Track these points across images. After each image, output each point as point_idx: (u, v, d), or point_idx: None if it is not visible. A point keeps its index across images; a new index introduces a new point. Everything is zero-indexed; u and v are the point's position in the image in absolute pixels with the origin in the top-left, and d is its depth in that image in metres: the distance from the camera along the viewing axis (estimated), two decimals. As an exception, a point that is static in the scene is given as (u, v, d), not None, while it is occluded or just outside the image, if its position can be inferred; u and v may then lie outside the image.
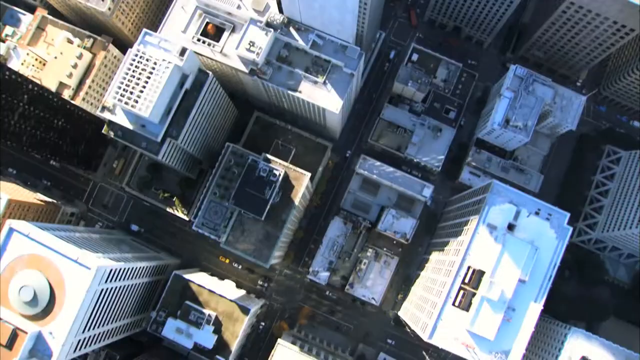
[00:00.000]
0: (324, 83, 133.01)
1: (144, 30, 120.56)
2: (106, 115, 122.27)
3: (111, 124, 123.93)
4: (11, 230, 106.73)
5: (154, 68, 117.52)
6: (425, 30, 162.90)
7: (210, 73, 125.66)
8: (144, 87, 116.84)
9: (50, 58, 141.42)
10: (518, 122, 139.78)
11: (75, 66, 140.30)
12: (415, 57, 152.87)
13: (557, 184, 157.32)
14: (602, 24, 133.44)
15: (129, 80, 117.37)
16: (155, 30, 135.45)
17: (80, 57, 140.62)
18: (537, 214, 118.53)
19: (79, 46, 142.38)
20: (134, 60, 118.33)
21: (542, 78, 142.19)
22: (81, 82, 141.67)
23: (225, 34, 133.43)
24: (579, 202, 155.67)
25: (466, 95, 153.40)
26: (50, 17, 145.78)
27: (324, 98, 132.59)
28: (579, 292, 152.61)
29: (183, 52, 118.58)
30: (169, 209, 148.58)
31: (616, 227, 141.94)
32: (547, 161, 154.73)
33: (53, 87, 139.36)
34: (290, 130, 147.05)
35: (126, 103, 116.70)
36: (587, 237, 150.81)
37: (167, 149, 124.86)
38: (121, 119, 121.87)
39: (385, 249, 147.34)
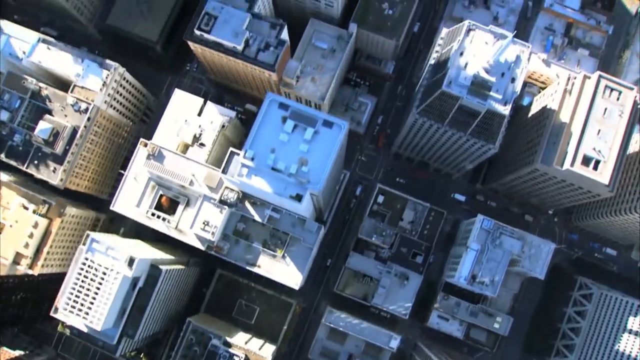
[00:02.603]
0: (283, 256, 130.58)
1: (91, 236, 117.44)
2: (60, 317, 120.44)
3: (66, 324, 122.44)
4: None
5: (103, 278, 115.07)
6: (392, 162, 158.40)
7: (164, 269, 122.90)
8: (94, 298, 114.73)
9: (6, 224, 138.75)
10: (485, 277, 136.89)
11: (31, 235, 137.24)
12: (380, 199, 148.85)
13: (529, 318, 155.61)
14: (569, 186, 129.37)
15: (78, 290, 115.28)
16: (111, 198, 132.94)
17: (35, 225, 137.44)
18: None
19: (34, 212, 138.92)
20: (82, 268, 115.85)
21: (510, 230, 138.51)
22: (38, 251, 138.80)
23: (180, 208, 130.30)
24: (551, 335, 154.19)
25: (434, 235, 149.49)
26: (4, 177, 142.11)
27: (283, 273, 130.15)
28: None
29: (131, 262, 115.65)
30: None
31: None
32: (518, 298, 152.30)
33: (10, 258, 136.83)
34: (254, 288, 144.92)
35: (77, 315, 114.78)
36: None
37: (125, 346, 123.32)
38: (75, 322, 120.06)
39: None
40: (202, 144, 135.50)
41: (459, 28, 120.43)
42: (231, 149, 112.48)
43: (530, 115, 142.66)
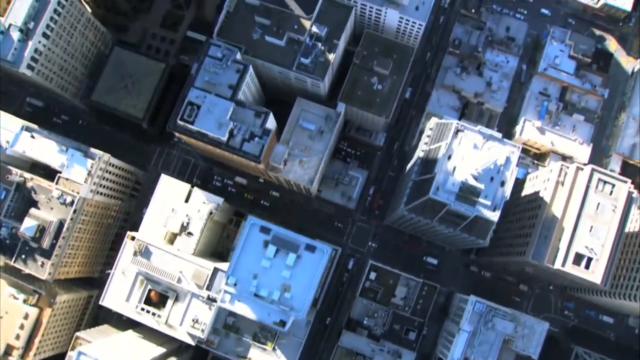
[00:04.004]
0: (273, 349, 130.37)
1: (78, 349, 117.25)
2: None
3: None
4: None
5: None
6: (384, 233, 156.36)
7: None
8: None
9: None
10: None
11: (22, 327, 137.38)
12: (373, 275, 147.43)
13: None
14: (562, 276, 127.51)
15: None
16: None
17: (26, 316, 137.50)
18: None
19: (25, 301, 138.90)
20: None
21: (503, 311, 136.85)
22: (30, 340, 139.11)
23: (169, 302, 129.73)
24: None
25: (427, 309, 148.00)
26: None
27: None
28: None
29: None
30: None
31: None
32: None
33: (1, 350, 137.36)
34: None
35: None
36: None
37: None
38: None
39: None
40: (190, 233, 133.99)
41: (448, 127, 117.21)
42: (215, 265, 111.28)
43: (523, 194, 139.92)
